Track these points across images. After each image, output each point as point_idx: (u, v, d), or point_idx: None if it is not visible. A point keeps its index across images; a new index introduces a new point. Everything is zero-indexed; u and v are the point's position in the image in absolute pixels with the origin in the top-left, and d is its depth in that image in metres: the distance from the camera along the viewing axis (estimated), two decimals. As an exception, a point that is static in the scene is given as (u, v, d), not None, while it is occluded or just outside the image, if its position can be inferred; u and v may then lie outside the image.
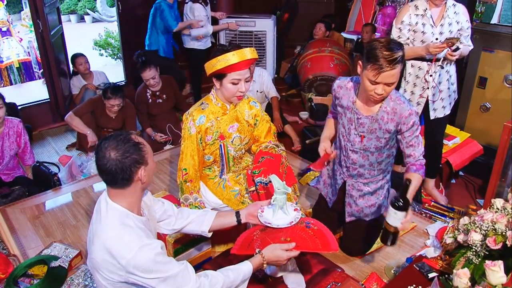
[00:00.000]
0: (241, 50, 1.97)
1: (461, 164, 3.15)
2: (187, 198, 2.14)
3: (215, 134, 2.14)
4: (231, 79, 2.01)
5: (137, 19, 4.88)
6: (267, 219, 1.71)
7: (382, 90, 1.80)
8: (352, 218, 2.25)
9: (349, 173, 2.17)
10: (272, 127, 2.36)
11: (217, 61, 1.97)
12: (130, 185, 1.43)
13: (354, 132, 2.04)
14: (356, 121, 2.01)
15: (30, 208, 2.81)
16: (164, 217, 1.74)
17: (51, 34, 4.15)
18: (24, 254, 2.36)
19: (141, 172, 1.43)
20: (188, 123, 2.11)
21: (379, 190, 2.19)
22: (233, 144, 2.21)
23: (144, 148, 1.44)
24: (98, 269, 1.41)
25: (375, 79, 1.76)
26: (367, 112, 1.98)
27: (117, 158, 1.38)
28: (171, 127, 3.91)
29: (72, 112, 3.60)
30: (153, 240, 1.42)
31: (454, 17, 2.60)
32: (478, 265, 1.53)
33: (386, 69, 1.72)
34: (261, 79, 3.89)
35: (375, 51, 1.73)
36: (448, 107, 2.82)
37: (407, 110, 1.89)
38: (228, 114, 2.17)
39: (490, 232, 1.55)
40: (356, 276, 2.17)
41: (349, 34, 5.53)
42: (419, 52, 2.60)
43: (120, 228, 1.39)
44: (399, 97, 1.94)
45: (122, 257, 1.35)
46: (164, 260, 1.41)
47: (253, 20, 4.59)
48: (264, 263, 1.60)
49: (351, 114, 2.02)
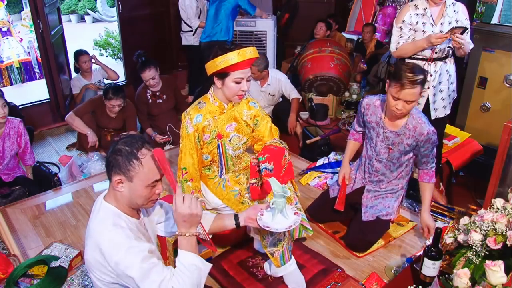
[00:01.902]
0: (243, 50, 1.98)
1: (461, 164, 3.15)
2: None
3: (213, 133, 2.15)
4: (234, 78, 2.03)
5: (137, 19, 4.89)
6: (266, 222, 1.69)
7: (402, 107, 2.06)
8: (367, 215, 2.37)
9: (370, 179, 2.45)
10: (274, 127, 2.36)
11: (219, 60, 1.98)
12: (110, 183, 1.42)
13: (380, 144, 2.31)
14: (383, 135, 2.28)
15: (30, 208, 2.82)
16: (162, 219, 1.73)
17: (52, 34, 4.15)
18: (24, 254, 2.36)
19: (116, 180, 1.38)
20: (186, 122, 2.12)
21: (395, 193, 2.43)
22: (231, 144, 2.22)
23: (137, 166, 1.37)
24: (92, 269, 1.40)
25: (397, 96, 2.04)
26: (393, 127, 2.25)
27: (114, 148, 1.39)
28: (172, 127, 3.91)
29: (73, 112, 3.60)
30: (141, 243, 1.38)
31: (454, 16, 2.61)
32: (478, 265, 1.53)
33: (407, 87, 2.00)
34: (277, 82, 3.91)
35: (400, 72, 2.02)
36: (448, 106, 2.82)
37: (426, 129, 2.15)
38: (226, 113, 2.17)
39: (490, 232, 1.55)
40: (357, 276, 2.17)
41: (349, 34, 5.53)
42: (420, 44, 2.60)
43: (111, 228, 1.38)
44: (421, 117, 2.19)
45: (111, 259, 1.33)
46: (148, 266, 1.34)
47: (253, 20, 4.59)
48: (185, 235, 1.40)
49: (379, 128, 2.29)
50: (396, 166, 2.35)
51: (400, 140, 2.24)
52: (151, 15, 5.04)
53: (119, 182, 1.39)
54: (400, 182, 2.42)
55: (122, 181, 1.39)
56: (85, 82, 4.25)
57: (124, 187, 1.40)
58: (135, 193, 1.41)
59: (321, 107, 4.22)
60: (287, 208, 1.73)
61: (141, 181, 1.39)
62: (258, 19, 4.59)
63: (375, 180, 2.43)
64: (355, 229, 2.38)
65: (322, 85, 4.36)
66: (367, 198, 2.41)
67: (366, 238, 2.33)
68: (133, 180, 1.39)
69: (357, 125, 2.50)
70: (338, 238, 2.45)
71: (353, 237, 2.36)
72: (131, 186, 1.39)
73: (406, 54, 2.69)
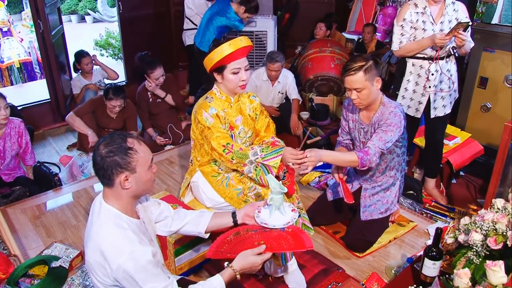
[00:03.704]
0: (234, 40, 2.06)
1: (461, 164, 3.15)
2: (255, 153, 2.11)
3: (227, 124, 2.21)
4: (231, 69, 2.08)
5: (138, 19, 4.89)
6: (263, 219, 1.69)
7: (355, 96, 2.13)
8: (366, 214, 2.37)
9: (364, 177, 2.43)
10: (271, 122, 2.39)
11: (214, 54, 2.05)
12: (113, 186, 1.42)
13: (360, 139, 2.34)
14: (362, 130, 2.32)
15: (30, 208, 2.82)
16: (160, 218, 1.73)
17: (52, 34, 4.15)
18: (25, 254, 2.37)
19: (122, 177, 1.39)
20: (203, 116, 2.14)
21: (391, 187, 2.40)
22: (240, 136, 2.26)
23: (134, 155, 1.40)
24: (93, 271, 1.40)
25: (346, 85, 2.15)
26: (367, 120, 2.28)
27: (101, 155, 1.38)
28: (173, 127, 3.91)
29: (73, 112, 3.60)
30: (145, 247, 1.39)
31: (454, 15, 2.61)
32: (478, 265, 1.53)
33: (346, 75, 2.10)
34: (285, 80, 3.98)
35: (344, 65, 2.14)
36: (449, 106, 2.82)
37: (390, 109, 2.16)
38: (233, 106, 2.23)
39: (491, 232, 1.54)
40: (357, 276, 2.17)
41: (350, 34, 5.52)
42: (424, 44, 2.60)
43: (113, 230, 1.38)
44: (391, 103, 2.21)
45: (113, 261, 1.33)
46: (153, 270, 1.38)
47: (254, 20, 4.59)
48: (236, 274, 1.54)
49: (357, 124, 2.33)
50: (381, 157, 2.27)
51: (374, 130, 2.23)
52: (151, 15, 5.04)
53: (126, 179, 1.40)
54: (393, 174, 2.38)
55: (128, 177, 1.41)
56: (86, 82, 4.25)
57: (131, 182, 1.42)
58: (141, 181, 1.44)
59: (322, 108, 4.22)
60: (284, 205, 1.73)
61: (143, 166, 1.43)
62: (258, 19, 4.59)
63: (367, 177, 2.42)
64: (354, 230, 2.38)
65: (323, 85, 4.36)
66: (365, 197, 2.41)
67: (365, 238, 2.33)
68: (137, 170, 1.41)
69: (342, 135, 2.49)
70: (338, 238, 2.45)
71: (353, 237, 2.36)
72: (136, 177, 1.42)
73: (409, 53, 2.69)
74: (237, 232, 1.70)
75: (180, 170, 3.28)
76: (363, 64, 2.07)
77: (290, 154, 2.05)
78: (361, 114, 2.31)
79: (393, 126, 2.12)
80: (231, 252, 1.59)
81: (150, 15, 5.02)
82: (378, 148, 2.10)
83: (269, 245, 1.59)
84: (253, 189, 2.20)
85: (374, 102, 2.20)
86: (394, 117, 2.13)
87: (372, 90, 2.11)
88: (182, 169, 3.27)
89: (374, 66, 2.09)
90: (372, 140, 2.13)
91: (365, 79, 2.07)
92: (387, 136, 2.12)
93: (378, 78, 2.13)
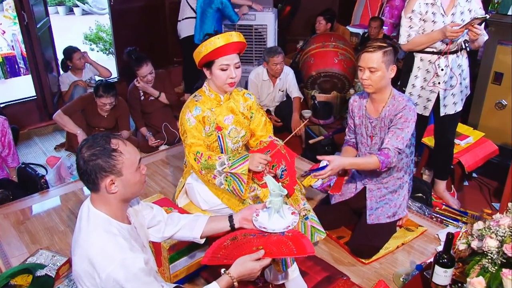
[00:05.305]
0: (226, 33, 2.04)
1: (474, 165, 3.14)
2: (222, 163, 2.10)
3: (212, 125, 2.20)
4: (219, 65, 2.08)
5: (130, 12, 4.87)
6: (262, 223, 1.68)
7: (367, 76, 2.15)
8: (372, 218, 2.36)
9: (368, 177, 2.42)
10: (268, 121, 2.38)
11: (203, 47, 2.04)
12: (99, 191, 1.41)
13: (367, 134, 2.35)
14: (369, 125, 2.32)
15: (14, 213, 2.80)
16: (153, 223, 1.72)
17: (38, 27, 4.12)
18: (7, 263, 2.34)
19: (108, 181, 1.38)
20: (186, 116, 2.17)
21: (399, 189, 2.40)
22: (230, 136, 2.26)
23: (119, 157, 1.37)
24: (81, 280, 1.39)
25: (360, 64, 2.18)
26: (375, 114, 2.29)
27: (83, 158, 1.36)
28: (168, 126, 3.90)
29: (61, 111, 3.59)
30: (137, 254, 1.38)
31: (466, 5, 2.59)
32: (494, 273, 1.52)
33: (365, 51, 2.14)
34: (285, 77, 4.02)
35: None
36: (460, 103, 2.80)
37: (403, 104, 2.19)
38: (223, 105, 2.23)
39: (507, 238, 1.53)
40: (363, 284, 2.16)
41: (354, 28, 5.51)
42: (435, 37, 2.59)
43: (103, 236, 1.37)
44: (402, 96, 2.24)
45: (103, 270, 1.32)
46: (145, 279, 1.37)
47: (253, 13, 4.58)
48: (233, 281, 1.52)
49: (364, 119, 2.34)
50: None
51: (384, 124, 2.27)
52: (144, 8, 5.03)
53: (112, 183, 1.39)
54: (401, 175, 2.38)
55: (114, 181, 1.39)
56: (75, 78, 4.23)
57: (118, 185, 1.40)
58: (129, 184, 1.42)
59: (325, 105, 4.21)
60: (284, 208, 1.72)
61: (129, 168, 1.41)
62: (257, 12, 4.59)
63: (372, 176, 2.41)
64: (359, 234, 2.37)
65: (326, 81, 4.35)
66: (371, 200, 2.40)
67: (371, 243, 2.31)
68: (123, 173, 1.39)
69: (349, 133, 2.53)
70: (342, 244, 2.44)
71: (358, 242, 2.35)
72: (123, 180, 1.40)
73: (418, 47, 2.67)
74: (234, 237, 1.68)
75: (175, 172, 3.27)
76: (384, 45, 2.14)
77: (259, 158, 2.07)
78: (368, 109, 2.33)
79: (409, 121, 2.17)
80: (228, 258, 1.57)
81: (143, 7, 5.02)
82: (397, 149, 2.16)
83: (268, 250, 1.58)
84: (252, 190, 2.19)
85: (383, 91, 2.23)
86: (409, 112, 2.17)
87: (385, 75, 2.17)
88: (177, 171, 3.26)
89: (393, 52, 2.16)
90: (390, 140, 2.17)
91: (382, 61, 2.13)
92: (404, 133, 2.16)
93: (394, 66, 2.19)
